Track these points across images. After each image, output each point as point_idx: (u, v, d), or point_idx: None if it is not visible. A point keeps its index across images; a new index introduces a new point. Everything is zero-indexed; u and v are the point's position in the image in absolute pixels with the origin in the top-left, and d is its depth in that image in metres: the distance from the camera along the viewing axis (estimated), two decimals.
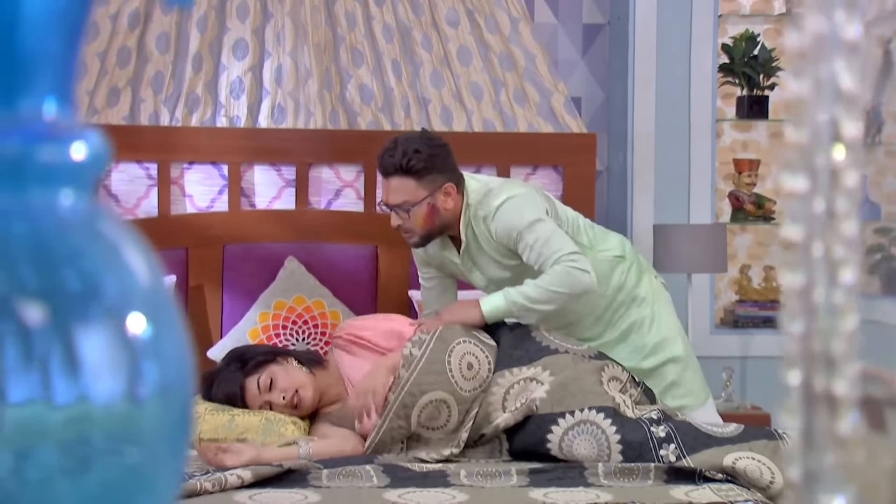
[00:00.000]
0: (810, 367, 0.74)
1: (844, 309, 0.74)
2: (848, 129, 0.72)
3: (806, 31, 0.73)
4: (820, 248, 0.75)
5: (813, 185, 0.73)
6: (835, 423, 0.74)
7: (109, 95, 4.70)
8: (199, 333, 4.54)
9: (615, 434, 3.27)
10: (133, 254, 0.76)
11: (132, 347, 0.72)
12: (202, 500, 2.87)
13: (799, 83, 0.72)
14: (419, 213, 3.62)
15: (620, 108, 5.08)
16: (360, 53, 4.86)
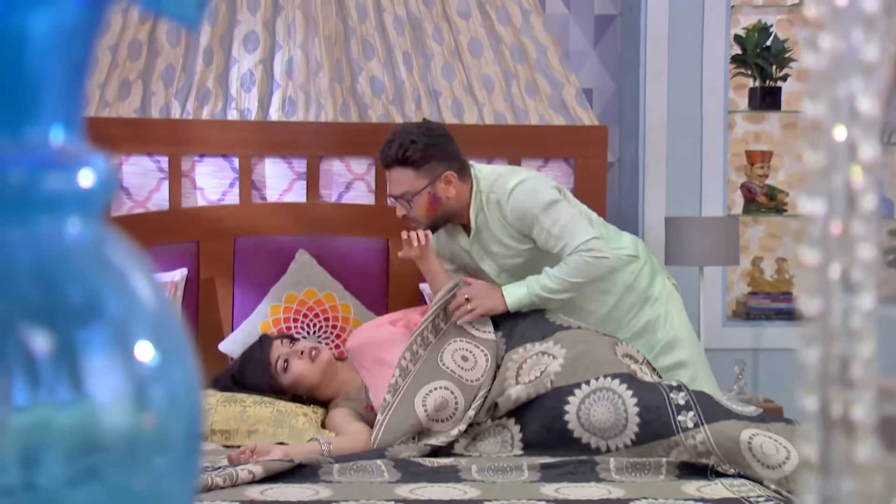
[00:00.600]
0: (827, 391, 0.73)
1: (862, 333, 0.73)
2: (865, 152, 0.71)
3: (822, 51, 0.71)
4: (837, 272, 0.74)
5: (830, 208, 0.72)
6: (852, 448, 0.73)
7: (120, 88, 4.70)
8: (211, 326, 4.55)
9: (632, 398, 3.27)
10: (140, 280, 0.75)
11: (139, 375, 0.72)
12: (214, 495, 2.87)
13: (815, 105, 0.71)
14: (421, 202, 3.66)
15: (632, 99, 5.06)
16: (371, 46, 4.85)
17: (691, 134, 4.99)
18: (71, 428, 0.69)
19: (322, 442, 3.33)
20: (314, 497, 2.88)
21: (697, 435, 3.16)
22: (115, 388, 0.70)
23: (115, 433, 0.70)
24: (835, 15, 0.71)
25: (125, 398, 0.70)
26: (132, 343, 0.71)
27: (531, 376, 3.42)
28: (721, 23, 5.00)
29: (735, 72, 5.14)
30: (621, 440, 3.26)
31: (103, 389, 0.69)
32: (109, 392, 0.70)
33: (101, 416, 0.69)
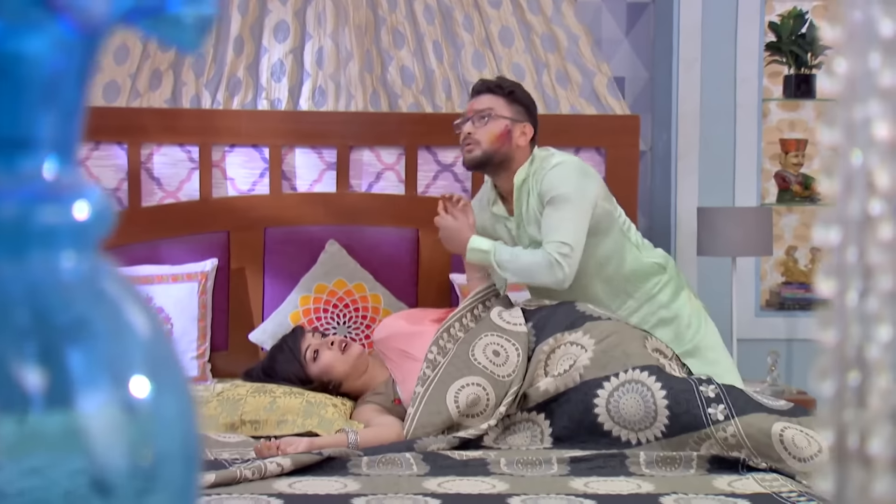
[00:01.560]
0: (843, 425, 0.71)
1: (879, 365, 0.71)
2: (882, 180, 0.69)
3: (838, 74, 0.69)
4: (854, 301, 0.72)
5: (846, 237, 0.70)
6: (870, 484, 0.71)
7: (151, 79, 4.71)
8: (241, 317, 4.56)
9: (661, 390, 3.25)
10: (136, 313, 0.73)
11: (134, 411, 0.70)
12: (242, 487, 2.87)
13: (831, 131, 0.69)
14: (495, 127, 3.73)
15: (664, 87, 5.02)
16: (402, 35, 4.83)
17: (724, 123, 4.95)
18: (74, 480, 0.68)
19: (349, 432, 3.33)
20: (342, 490, 2.87)
21: (728, 428, 3.14)
22: (110, 424, 0.69)
23: (111, 471, 0.69)
24: (851, 38, 0.69)
25: (120, 434, 0.69)
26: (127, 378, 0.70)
27: (560, 369, 3.41)
28: (755, 10, 4.96)
29: (769, 59, 5.09)
30: (651, 433, 3.24)
31: (97, 426, 0.68)
32: (107, 435, 0.69)
33: (95, 454, 0.68)
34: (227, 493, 2.81)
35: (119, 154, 4.63)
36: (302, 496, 2.82)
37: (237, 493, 2.80)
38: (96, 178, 4.63)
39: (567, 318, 3.55)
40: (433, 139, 4.74)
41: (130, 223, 4.59)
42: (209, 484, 2.83)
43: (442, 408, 3.37)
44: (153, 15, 0.69)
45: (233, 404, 3.54)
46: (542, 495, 2.83)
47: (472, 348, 3.49)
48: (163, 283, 4.44)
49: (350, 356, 3.71)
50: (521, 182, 3.75)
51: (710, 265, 4.89)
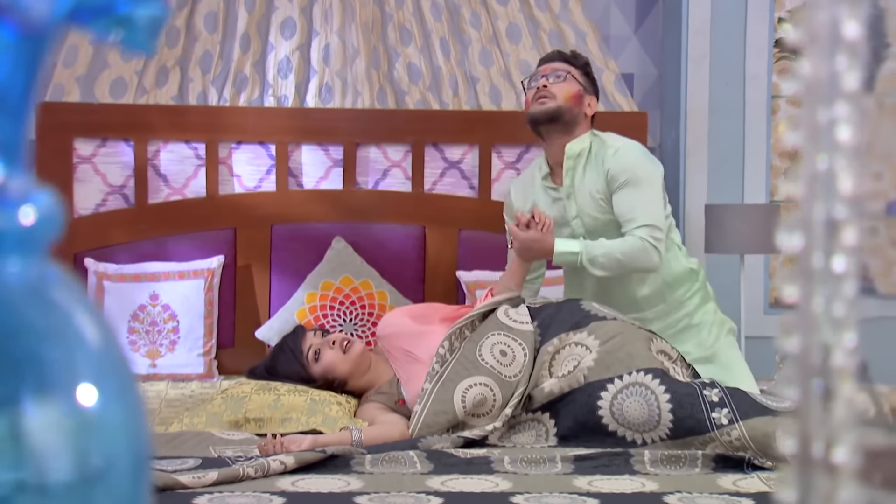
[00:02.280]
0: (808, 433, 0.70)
1: (844, 372, 0.70)
2: (845, 183, 0.67)
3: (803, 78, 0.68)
4: (820, 306, 0.71)
5: (809, 242, 0.69)
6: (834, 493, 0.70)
7: (158, 75, 4.71)
8: (248, 314, 4.56)
9: (665, 394, 3.23)
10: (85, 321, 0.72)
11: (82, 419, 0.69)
12: (245, 485, 2.86)
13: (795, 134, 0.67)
14: (570, 88, 3.82)
15: (673, 84, 5.00)
16: (408, 32, 4.82)
17: (734, 119, 4.92)
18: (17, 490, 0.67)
19: (353, 430, 3.32)
20: (345, 488, 2.86)
21: (732, 432, 3.12)
22: (53, 430, 0.68)
23: (53, 477, 0.68)
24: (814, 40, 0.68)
25: (63, 440, 0.68)
26: (73, 386, 0.68)
27: (565, 370, 3.39)
28: (765, 6, 4.93)
29: (779, 56, 5.06)
30: (656, 434, 3.22)
31: (46, 444, 0.67)
32: (52, 446, 0.68)
33: (37, 460, 0.67)
34: (229, 491, 2.80)
35: (126, 151, 4.64)
36: (304, 494, 2.81)
37: (239, 491, 2.80)
38: (103, 176, 4.64)
39: (572, 318, 3.53)
40: (440, 136, 4.73)
41: (137, 220, 4.59)
42: (212, 482, 2.83)
43: (448, 407, 3.36)
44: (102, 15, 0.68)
45: (237, 402, 3.54)
46: (545, 494, 2.81)
47: (479, 347, 3.47)
48: (169, 279, 4.45)
49: (352, 355, 3.70)
50: (576, 153, 3.77)
51: (718, 262, 4.87)
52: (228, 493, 2.77)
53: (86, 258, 4.47)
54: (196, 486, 2.80)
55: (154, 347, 4.39)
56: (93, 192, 4.62)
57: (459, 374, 3.42)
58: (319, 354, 3.69)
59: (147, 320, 4.41)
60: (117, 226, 4.58)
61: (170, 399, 4.02)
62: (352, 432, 3.31)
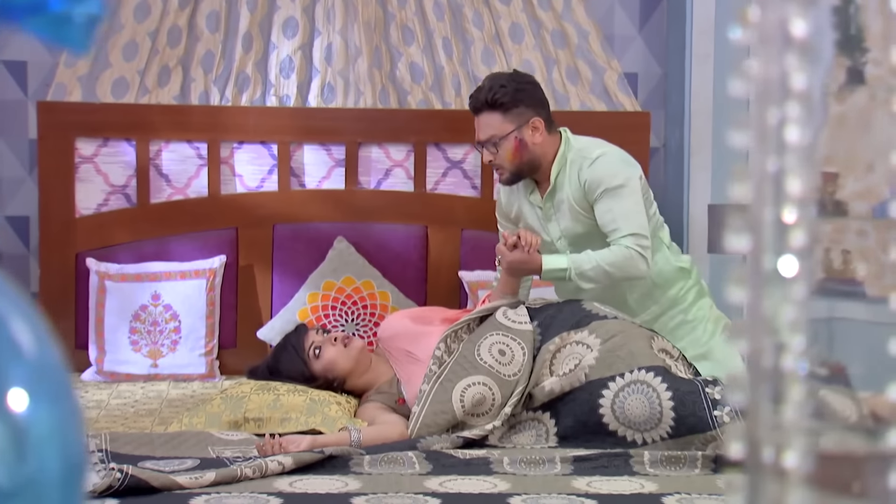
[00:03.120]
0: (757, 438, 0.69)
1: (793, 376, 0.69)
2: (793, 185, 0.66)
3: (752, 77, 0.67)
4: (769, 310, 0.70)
5: (756, 244, 0.67)
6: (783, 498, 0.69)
7: (160, 75, 4.70)
8: (250, 313, 4.56)
9: (666, 392, 3.23)
10: (20, 326, 0.71)
11: (13, 425, 0.68)
12: (243, 486, 2.86)
13: (741, 134, 0.66)
14: (507, 147, 3.69)
15: (678, 83, 4.98)
16: (411, 31, 4.81)
17: None
18: None
19: (352, 430, 3.31)
20: (343, 489, 2.86)
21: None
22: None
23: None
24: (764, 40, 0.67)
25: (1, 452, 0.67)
26: (4, 393, 0.68)
27: (566, 368, 3.38)
28: None
29: None
30: (657, 433, 3.21)
31: None
32: None
33: None
34: (226, 491, 2.81)
35: (128, 151, 4.63)
36: (302, 495, 2.81)
37: (237, 492, 2.80)
38: (105, 175, 4.64)
39: (573, 317, 3.52)
40: (442, 136, 4.72)
41: (139, 220, 4.59)
42: (209, 482, 2.83)
43: (447, 407, 3.35)
44: (35, 13, 0.67)
45: (236, 402, 3.54)
46: (543, 495, 2.81)
47: (477, 347, 3.46)
48: (171, 279, 4.45)
49: (352, 351, 3.70)
50: (557, 173, 3.73)
51: (721, 263, 4.85)
52: (226, 494, 2.78)
53: (87, 258, 4.47)
54: (193, 487, 2.81)
55: (156, 347, 4.39)
56: (94, 191, 4.62)
57: (458, 374, 3.41)
58: (321, 351, 3.70)
59: (149, 320, 4.40)
60: (119, 226, 4.58)
61: (171, 399, 4.02)
62: (350, 433, 3.30)
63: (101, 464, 3.02)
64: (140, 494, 2.75)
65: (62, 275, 4.52)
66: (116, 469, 2.78)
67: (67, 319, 4.48)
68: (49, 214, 4.56)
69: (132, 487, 2.75)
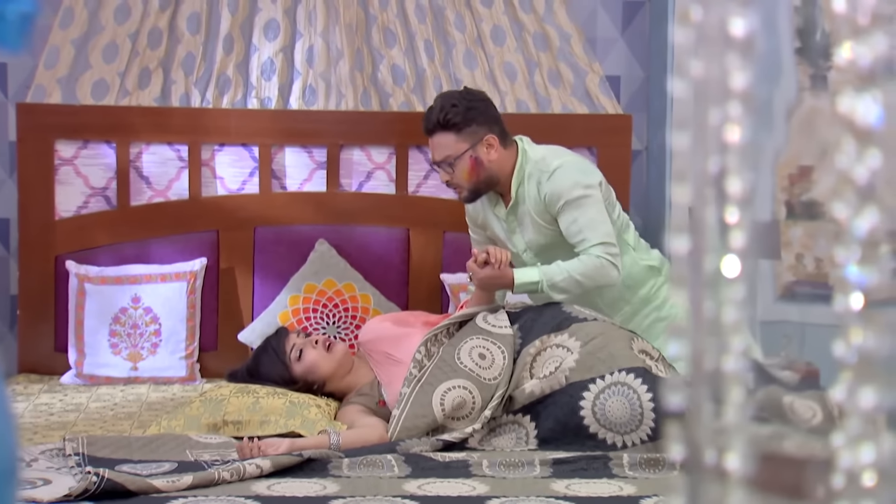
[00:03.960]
0: (698, 440, 0.69)
1: (734, 378, 0.69)
2: (734, 186, 0.66)
3: (691, 77, 0.66)
4: (711, 311, 0.69)
5: (698, 244, 0.67)
6: (724, 499, 0.69)
7: (141, 77, 4.69)
8: (230, 316, 4.55)
9: (647, 393, 3.24)
10: None
11: None
12: (220, 489, 2.85)
13: (680, 136, 0.66)
14: (463, 166, 3.69)
15: (660, 86, 4.98)
16: (393, 34, 4.80)
17: None
18: None
19: (331, 433, 3.30)
20: (321, 492, 2.85)
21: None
22: None
23: None
24: (702, 39, 0.66)
25: None
26: None
27: (546, 371, 3.38)
28: None
29: None
30: (637, 436, 3.21)
31: None
32: None
33: None
34: (203, 494, 2.80)
35: (108, 153, 4.62)
36: (280, 498, 2.81)
37: (214, 496, 2.79)
38: (85, 178, 4.62)
39: (553, 320, 3.53)
40: (424, 139, 4.67)
41: (119, 222, 4.58)
42: (186, 486, 2.82)
43: (427, 410, 3.35)
44: None
45: (215, 404, 3.53)
46: (521, 498, 2.81)
47: (457, 351, 3.46)
48: (151, 282, 4.43)
49: (335, 355, 3.70)
50: (517, 186, 3.73)
51: None
52: (203, 498, 2.77)
53: (67, 260, 4.46)
54: (170, 490, 2.80)
55: (136, 350, 4.37)
56: (74, 194, 4.61)
57: (438, 378, 3.40)
58: (302, 353, 3.69)
59: (129, 323, 4.39)
60: (99, 228, 4.56)
61: (151, 402, 4.01)
62: (330, 436, 3.29)
63: (77, 467, 3.01)
64: (116, 498, 2.74)
65: (42, 277, 4.51)
66: (93, 472, 2.77)
67: (47, 322, 4.47)
68: (29, 217, 4.54)
69: (108, 491, 2.74)
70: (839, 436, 0.70)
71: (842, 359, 0.69)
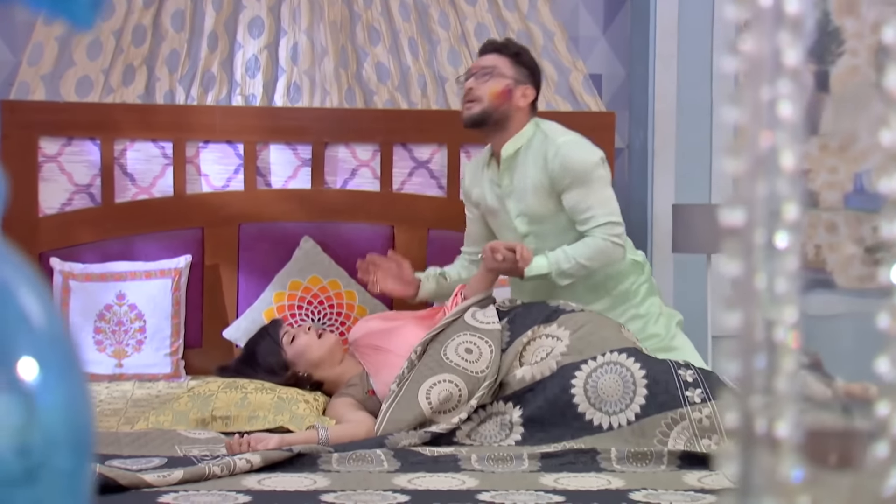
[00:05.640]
0: (750, 406, 0.70)
1: (785, 347, 0.70)
2: (787, 159, 0.68)
3: (744, 54, 0.68)
4: (763, 282, 0.71)
5: (751, 218, 0.69)
6: (776, 467, 0.70)
7: (125, 74, 4.68)
8: (215, 313, 4.54)
9: (640, 370, 3.28)
10: (27, 295, 0.71)
11: (23, 394, 0.68)
12: (211, 484, 2.85)
13: (736, 110, 0.67)
14: (497, 85, 3.75)
15: (641, 85, 5.01)
16: (377, 31, 4.81)
17: (701, 120, 4.93)
18: None
19: (320, 428, 3.31)
20: (311, 486, 2.85)
21: (704, 409, 3.17)
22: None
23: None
24: (757, 16, 0.68)
25: (8, 425, 0.67)
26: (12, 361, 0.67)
27: (537, 357, 3.41)
28: None
29: None
30: (625, 416, 3.23)
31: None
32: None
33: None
34: (194, 489, 2.79)
35: (92, 150, 4.61)
36: (270, 492, 2.80)
37: (205, 490, 2.79)
38: (69, 175, 4.61)
39: (542, 313, 3.56)
40: (408, 136, 4.73)
41: (103, 219, 4.57)
42: (177, 480, 2.82)
43: (413, 404, 3.36)
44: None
45: (203, 400, 3.52)
46: (511, 491, 2.82)
47: (444, 348, 3.48)
48: (136, 279, 4.42)
49: (326, 342, 3.73)
50: (512, 153, 3.75)
51: (685, 262, 4.88)
52: (194, 492, 2.76)
53: (51, 257, 4.44)
54: (161, 485, 2.79)
55: (120, 347, 4.36)
56: (58, 191, 4.59)
57: (423, 375, 3.42)
58: (294, 338, 3.73)
59: (113, 320, 4.38)
60: (83, 225, 4.55)
61: (136, 399, 3.99)
62: (318, 431, 3.30)
63: None
64: (108, 493, 2.73)
65: None
66: None
67: None
68: (12, 214, 4.51)
69: (100, 485, 2.73)
70: (884, 404, 0.72)
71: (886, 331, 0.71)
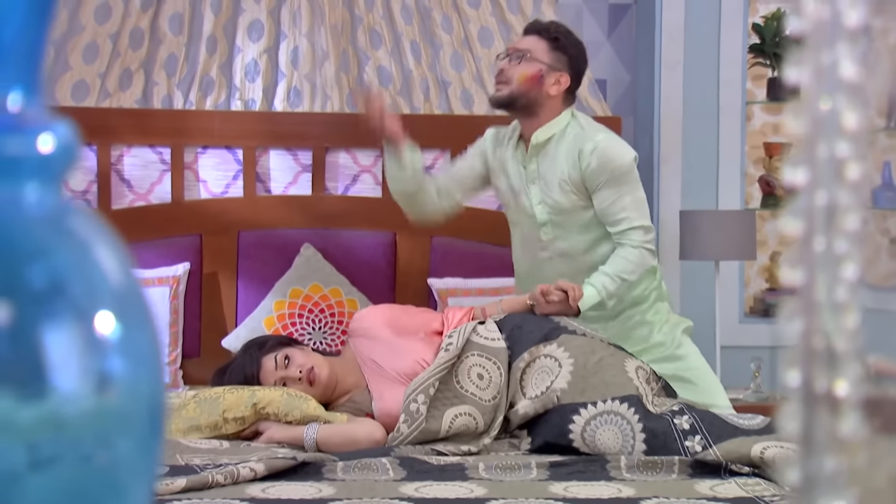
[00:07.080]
0: (811, 366, 0.66)
1: (846, 306, 0.65)
2: (849, 120, 0.61)
3: (807, 16, 0.62)
4: (822, 243, 0.66)
5: (814, 177, 0.63)
6: (836, 425, 0.67)
7: (122, 78, 4.64)
8: (214, 322, 4.49)
9: (639, 423, 3.21)
10: (103, 251, 0.71)
11: (99, 346, 0.71)
12: (214, 492, 2.82)
13: (799, 71, 0.61)
14: (529, 68, 3.66)
15: (647, 90, 4.97)
16: (379, 35, 4.78)
17: (708, 126, 4.90)
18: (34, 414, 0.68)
19: (308, 431, 3.29)
20: (317, 495, 2.83)
21: (707, 457, 3.10)
22: (77, 367, 0.69)
23: (78, 413, 0.69)
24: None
25: (86, 377, 0.69)
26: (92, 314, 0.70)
27: (538, 390, 3.35)
28: (739, 12, 4.92)
29: (753, 62, 5.04)
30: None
31: (65, 370, 0.69)
32: (71, 372, 0.69)
33: (63, 397, 0.69)
34: (198, 497, 2.76)
35: (88, 155, 4.57)
36: (275, 501, 2.78)
37: (208, 499, 2.75)
38: None
39: (540, 330, 3.48)
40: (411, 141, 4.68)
41: None
42: (180, 489, 2.78)
43: (435, 428, 3.31)
44: None
45: (211, 403, 3.45)
46: (520, 500, 2.78)
47: (456, 371, 3.40)
48: None
49: (319, 386, 3.55)
50: (542, 141, 3.69)
51: (693, 269, 4.83)
52: (198, 500, 2.74)
53: None
54: (164, 493, 2.76)
55: None
56: None
57: (444, 404, 3.35)
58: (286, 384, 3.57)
59: None
60: None
61: None
62: (306, 432, 3.27)
63: None
64: None
65: None
66: None
67: None
68: None
69: None
70: None
71: None
